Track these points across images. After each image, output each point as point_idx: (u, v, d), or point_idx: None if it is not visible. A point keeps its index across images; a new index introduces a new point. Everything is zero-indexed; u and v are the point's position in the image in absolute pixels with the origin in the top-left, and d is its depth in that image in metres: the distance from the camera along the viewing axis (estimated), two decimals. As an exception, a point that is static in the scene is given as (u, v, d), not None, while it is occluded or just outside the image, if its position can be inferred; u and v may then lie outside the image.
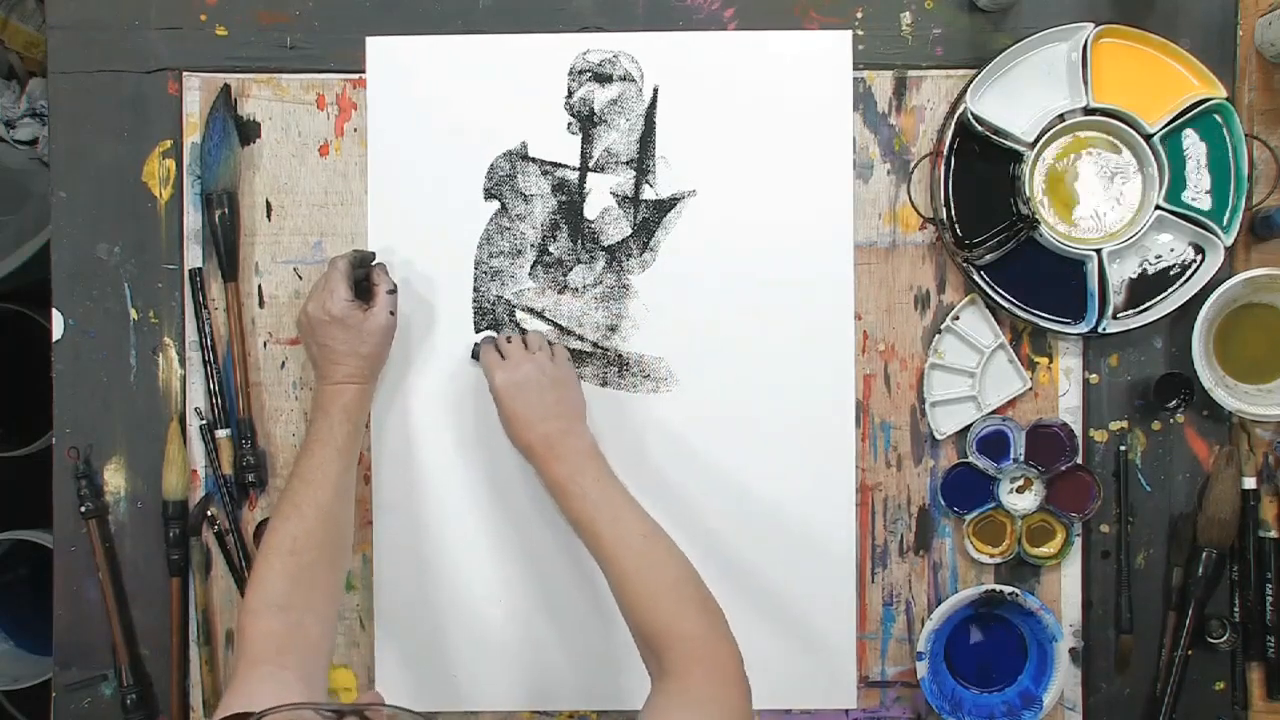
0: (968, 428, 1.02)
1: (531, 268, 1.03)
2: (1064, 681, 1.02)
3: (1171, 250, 1.01)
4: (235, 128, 1.02)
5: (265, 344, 1.03)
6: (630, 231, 1.02)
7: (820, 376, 1.02)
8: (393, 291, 0.97)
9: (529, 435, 0.94)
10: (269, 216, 1.03)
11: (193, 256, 1.03)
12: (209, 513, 1.03)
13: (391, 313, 0.97)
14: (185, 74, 1.02)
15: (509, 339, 0.98)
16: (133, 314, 1.03)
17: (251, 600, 0.84)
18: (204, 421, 1.02)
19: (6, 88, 1.56)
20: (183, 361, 1.03)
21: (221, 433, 1.02)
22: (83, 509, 1.01)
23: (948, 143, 1.00)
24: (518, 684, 1.03)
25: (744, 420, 1.02)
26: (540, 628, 1.03)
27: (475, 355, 1.02)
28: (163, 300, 1.03)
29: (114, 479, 1.03)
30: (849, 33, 1.02)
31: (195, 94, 1.03)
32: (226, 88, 1.02)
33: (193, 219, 1.03)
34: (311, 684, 0.81)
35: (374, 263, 1.00)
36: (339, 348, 0.94)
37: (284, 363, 1.03)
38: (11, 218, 1.48)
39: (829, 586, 1.03)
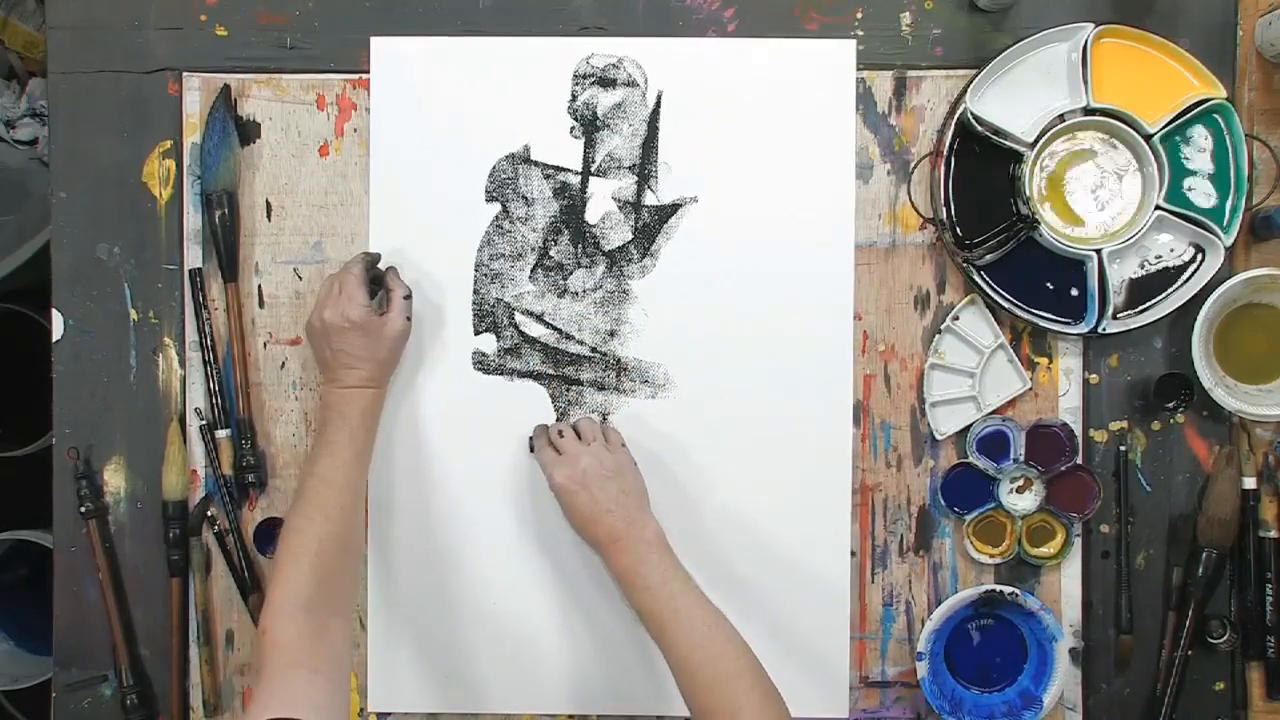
0: (968, 428, 1.02)
1: (532, 271, 1.03)
2: (1064, 681, 1.01)
3: (1171, 250, 1.01)
4: (235, 128, 1.02)
5: (265, 344, 1.03)
6: (631, 236, 1.02)
7: (818, 385, 1.02)
8: (408, 297, 0.98)
9: (593, 530, 0.95)
10: (269, 217, 1.03)
11: (193, 256, 1.03)
12: (209, 513, 1.03)
13: (407, 318, 0.98)
14: (185, 74, 1.02)
15: (560, 433, 0.98)
16: (133, 314, 1.03)
17: (280, 601, 0.84)
18: (204, 421, 1.02)
19: (6, 88, 1.56)
20: (183, 362, 1.03)
21: (221, 433, 1.02)
22: (83, 509, 1.01)
23: (948, 143, 1.00)
24: (518, 686, 1.03)
25: (741, 426, 1.02)
26: (541, 629, 1.03)
27: (532, 448, 1.01)
28: (163, 300, 1.03)
29: (114, 479, 1.03)
30: (853, 42, 1.02)
31: (195, 94, 1.03)
32: (226, 88, 1.02)
33: (193, 219, 1.03)
34: (340, 689, 0.81)
35: (387, 268, 1.00)
36: (357, 353, 0.94)
37: (284, 363, 1.03)
38: (11, 218, 1.48)
39: (824, 593, 1.02)
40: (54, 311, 1.03)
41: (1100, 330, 0.99)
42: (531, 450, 1.01)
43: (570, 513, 0.96)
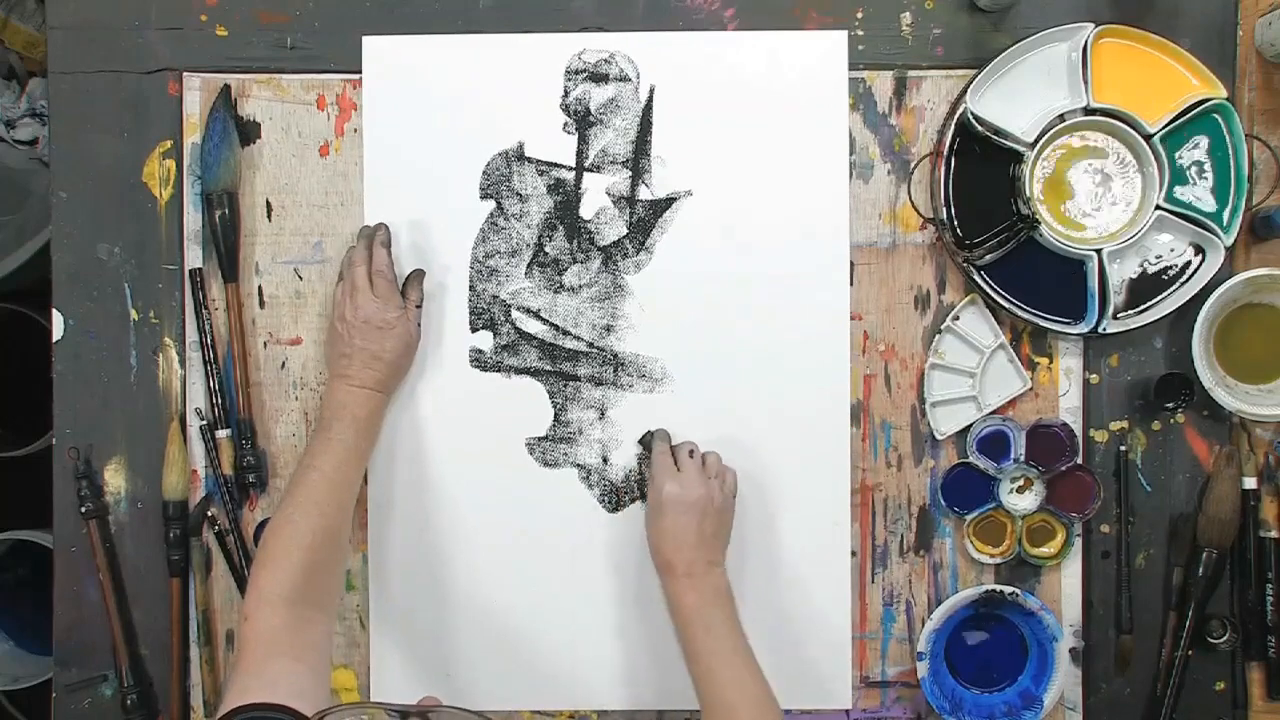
0: (968, 428, 1.02)
1: (528, 267, 1.03)
2: (1064, 681, 1.02)
3: (1171, 250, 1.01)
4: (235, 128, 1.02)
5: (265, 344, 1.03)
6: (626, 231, 1.02)
7: (816, 376, 1.02)
8: (419, 305, 0.99)
9: (676, 555, 0.93)
10: (269, 216, 1.03)
11: (193, 256, 1.03)
12: (209, 513, 1.03)
13: (418, 325, 0.99)
14: (185, 74, 1.02)
15: (691, 453, 0.97)
16: (133, 314, 1.03)
17: (266, 590, 0.84)
18: (204, 422, 1.02)
19: (6, 88, 1.56)
20: (183, 362, 1.03)
21: (222, 433, 1.02)
22: (83, 509, 1.01)
23: (948, 143, 1.00)
24: (518, 683, 1.03)
25: (739, 419, 1.02)
26: (541, 626, 1.03)
27: (644, 443, 1.02)
28: (163, 300, 1.03)
29: (114, 479, 1.03)
30: (845, 33, 1.02)
31: (195, 94, 1.03)
32: (226, 88, 1.02)
33: (193, 219, 1.03)
34: (322, 678, 0.81)
35: (413, 271, 1.00)
36: (382, 355, 0.95)
37: (284, 363, 1.03)
38: (11, 218, 1.48)
39: (825, 585, 1.02)
40: (54, 311, 1.03)
41: (1100, 330, 0.99)
42: (643, 448, 1.01)
43: (662, 529, 0.94)
